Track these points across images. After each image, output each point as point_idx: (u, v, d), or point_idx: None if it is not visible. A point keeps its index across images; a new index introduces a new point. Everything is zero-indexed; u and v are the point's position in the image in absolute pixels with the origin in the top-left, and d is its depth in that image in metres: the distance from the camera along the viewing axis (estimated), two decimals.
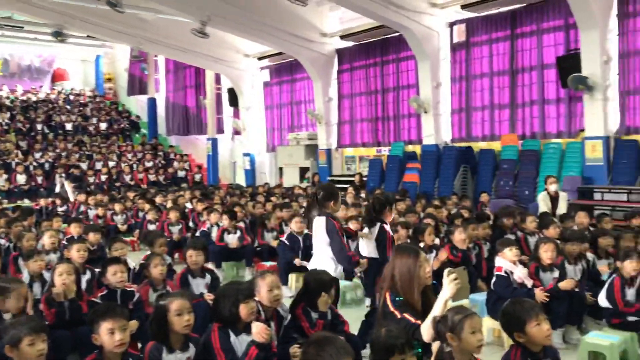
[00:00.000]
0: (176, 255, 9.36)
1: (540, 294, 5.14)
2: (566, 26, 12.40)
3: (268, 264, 8.38)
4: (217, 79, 22.84)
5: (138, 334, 4.46)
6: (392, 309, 3.56)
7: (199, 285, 5.63)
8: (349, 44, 17.50)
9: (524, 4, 13.18)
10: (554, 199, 9.74)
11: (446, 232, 7.78)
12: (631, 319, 4.91)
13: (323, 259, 5.12)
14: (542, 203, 9.72)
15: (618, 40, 11.68)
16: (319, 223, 5.15)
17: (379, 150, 17.07)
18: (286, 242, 7.77)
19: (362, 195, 13.55)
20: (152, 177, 20.83)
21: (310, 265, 5.30)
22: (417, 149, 15.59)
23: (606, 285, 5.15)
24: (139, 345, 4.56)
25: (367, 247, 5.97)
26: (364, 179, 16.13)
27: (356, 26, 16.37)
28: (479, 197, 12.34)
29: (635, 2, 11.39)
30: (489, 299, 5.53)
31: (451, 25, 14.77)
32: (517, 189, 12.84)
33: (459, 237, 6.82)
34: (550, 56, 12.77)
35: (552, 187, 9.71)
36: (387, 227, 5.84)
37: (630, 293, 5.06)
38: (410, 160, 15.48)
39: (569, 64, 11.84)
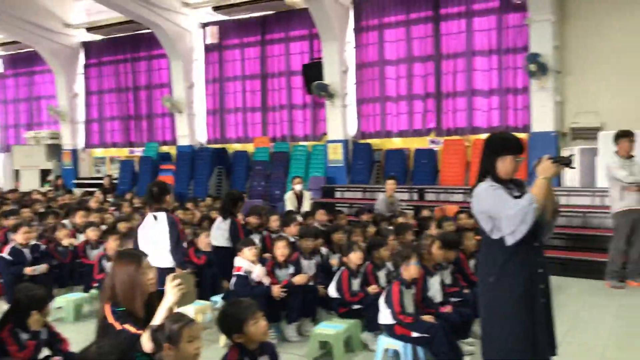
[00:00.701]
0: None
1: (276, 291, 5.28)
2: (310, 36, 13.22)
3: None
4: None
5: None
6: (111, 320, 3.27)
7: None
8: (97, 37, 16.36)
9: (273, 12, 13.70)
10: (300, 198, 10.27)
11: (194, 234, 7.65)
12: (356, 307, 5.32)
13: (161, 252, 5.17)
14: (289, 202, 10.18)
15: (355, 52, 12.81)
16: (161, 218, 5.23)
17: (131, 151, 16.26)
18: (7, 257, 6.71)
19: (111, 199, 12.70)
20: None
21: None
22: (172, 149, 15.24)
23: (335, 277, 5.51)
24: None
25: (220, 237, 6.79)
26: (114, 181, 15.21)
27: (104, 19, 15.36)
28: None
29: (368, 18, 12.62)
30: (229, 298, 5.52)
31: (204, 26, 14.72)
32: (268, 189, 13.30)
33: (205, 241, 6.78)
34: (297, 63, 13.49)
35: (298, 187, 10.22)
36: (239, 220, 6.88)
37: (356, 283, 5.49)
38: (165, 161, 15.06)
39: (312, 71, 12.65)
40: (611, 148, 7.36)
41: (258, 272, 5.41)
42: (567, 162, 3.16)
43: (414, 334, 4.51)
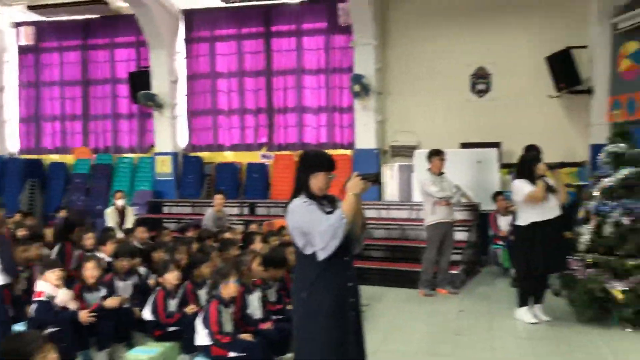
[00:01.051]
0: None
1: (83, 316, 4.82)
2: (137, 43, 12.61)
3: None
4: None
5: None
6: None
7: None
8: None
9: (98, 16, 12.84)
10: (122, 214, 9.67)
11: None
12: (172, 329, 5.04)
13: None
14: (109, 217, 9.53)
15: (185, 63, 12.46)
16: None
17: None
18: None
19: None
20: None
21: None
22: None
23: (150, 299, 5.19)
24: None
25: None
26: None
27: None
28: (56, 213, 11.38)
29: (199, 29, 12.36)
30: (29, 327, 4.94)
31: (17, 25, 13.40)
32: (89, 204, 12.38)
33: None
34: (122, 71, 12.79)
35: (120, 202, 9.62)
36: (69, 247, 6.73)
37: (174, 303, 5.21)
38: None
39: (140, 80, 12.07)
40: (425, 165, 7.92)
41: (62, 297, 4.90)
42: (373, 179, 3.26)
43: (231, 354, 4.37)
